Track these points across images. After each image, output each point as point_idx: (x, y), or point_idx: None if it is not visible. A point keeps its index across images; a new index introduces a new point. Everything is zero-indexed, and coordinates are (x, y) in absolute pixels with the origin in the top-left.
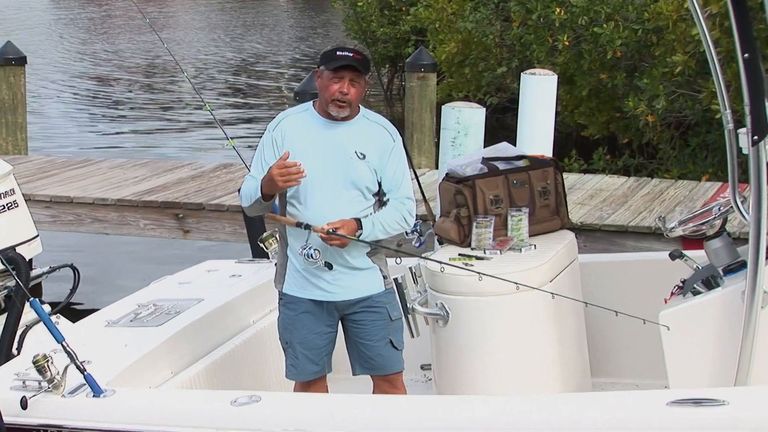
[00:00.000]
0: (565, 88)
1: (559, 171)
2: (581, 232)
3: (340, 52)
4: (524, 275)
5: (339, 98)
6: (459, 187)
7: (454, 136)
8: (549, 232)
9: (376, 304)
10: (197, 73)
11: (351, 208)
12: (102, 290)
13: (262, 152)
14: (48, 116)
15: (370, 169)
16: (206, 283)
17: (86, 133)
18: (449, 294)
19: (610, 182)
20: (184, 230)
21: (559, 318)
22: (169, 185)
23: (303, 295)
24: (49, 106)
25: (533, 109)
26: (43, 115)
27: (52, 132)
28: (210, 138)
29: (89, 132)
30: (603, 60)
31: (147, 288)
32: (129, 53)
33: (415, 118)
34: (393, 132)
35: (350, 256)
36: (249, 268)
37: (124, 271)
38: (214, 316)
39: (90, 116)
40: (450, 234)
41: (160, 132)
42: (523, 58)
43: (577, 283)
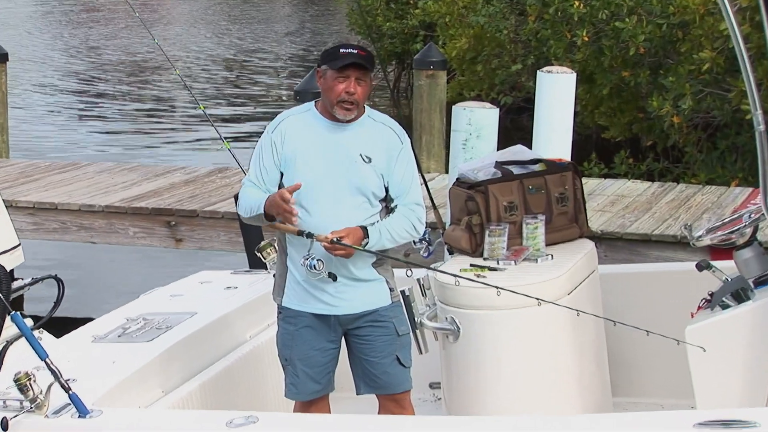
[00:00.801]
0: (585, 87)
1: (577, 176)
2: (601, 241)
3: (343, 50)
4: (540, 287)
5: (346, 99)
6: (470, 193)
7: (465, 138)
8: (567, 241)
9: (383, 318)
10: (190, 70)
11: (356, 216)
12: (88, 303)
13: (260, 156)
14: (31, 117)
15: (376, 174)
16: (200, 295)
17: (72, 135)
18: (460, 307)
19: (632, 188)
20: (176, 239)
21: (579, 333)
22: (160, 191)
23: (304, 308)
24: (32, 106)
25: (550, 110)
26: (26, 116)
27: (36, 134)
28: (204, 140)
29: (75, 134)
30: (625, 57)
31: (136, 301)
32: (118, 49)
33: (423, 119)
34: (401, 133)
35: (355, 267)
36: (245, 279)
37: (112, 282)
38: (208, 331)
39: (76, 117)
40: (461, 243)
41: (150, 134)
42: (539, 54)
43: (597, 296)
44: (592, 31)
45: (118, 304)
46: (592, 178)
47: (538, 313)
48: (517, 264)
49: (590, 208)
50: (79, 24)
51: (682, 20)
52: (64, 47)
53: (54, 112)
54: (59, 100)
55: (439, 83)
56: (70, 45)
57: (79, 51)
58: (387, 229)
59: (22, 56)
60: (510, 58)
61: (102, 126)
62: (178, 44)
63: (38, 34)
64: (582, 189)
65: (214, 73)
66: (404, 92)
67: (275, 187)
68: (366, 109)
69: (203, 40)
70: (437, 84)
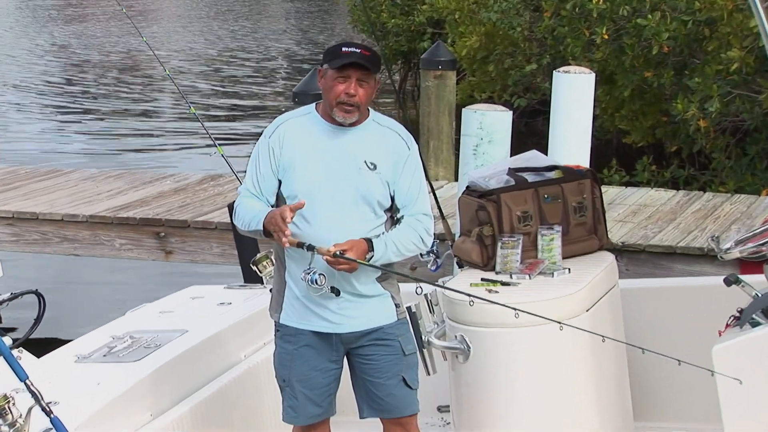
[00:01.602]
0: (604, 89)
1: (596, 183)
2: (623, 254)
3: (345, 48)
4: (557, 304)
5: (345, 101)
6: (482, 202)
7: (476, 144)
8: (585, 253)
9: (388, 336)
10: (180, 69)
11: (360, 227)
12: (71, 320)
13: (256, 162)
14: (9, 120)
15: (381, 182)
16: (191, 312)
17: (53, 139)
18: (471, 325)
19: (655, 196)
20: (165, 251)
21: (598, 352)
22: (148, 199)
23: (303, 326)
24: (10, 109)
25: (567, 112)
26: (3, 119)
27: (14, 138)
28: (195, 145)
29: (56, 138)
30: (648, 56)
31: (123, 318)
32: (103, 47)
33: (431, 122)
34: (408, 139)
35: (359, 281)
36: (240, 294)
37: (97, 298)
38: (199, 351)
39: (58, 120)
40: (471, 256)
41: (138, 138)
42: (555, 53)
43: (618, 313)
44: (613, 28)
45: (103, 321)
46: (613, 187)
47: (555, 332)
48: (531, 278)
49: (610, 218)
50: (60, 20)
51: (709, 17)
52: (44, 44)
53: (33, 115)
54: (38, 102)
55: (448, 84)
56: (51, 42)
57: (61, 48)
58: (393, 241)
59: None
60: (524, 57)
61: (86, 130)
62: (167, 42)
63: (15, 29)
64: (601, 198)
65: (207, 72)
66: (410, 94)
67: (273, 195)
68: (370, 113)
69: (195, 37)
70: (446, 85)
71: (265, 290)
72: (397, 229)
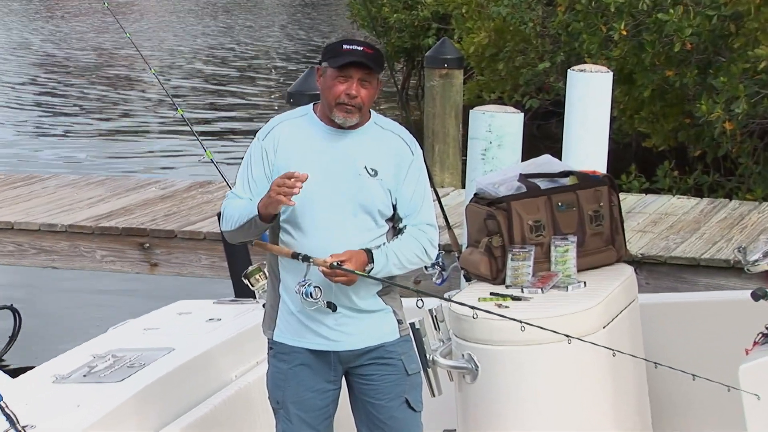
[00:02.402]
0: (623, 88)
1: (614, 190)
2: (642, 266)
3: (346, 46)
4: (572, 320)
5: (346, 102)
6: (491, 210)
7: (485, 148)
8: (602, 265)
9: (389, 354)
10: (167, 68)
11: (360, 237)
12: (49, 337)
13: (248, 166)
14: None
15: (383, 189)
16: (178, 328)
17: (29, 143)
18: (479, 343)
19: (678, 205)
20: (150, 263)
21: (616, 371)
22: (132, 208)
23: (298, 343)
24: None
25: (583, 114)
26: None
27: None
28: (183, 149)
29: (33, 142)
30: (669, 53)
31: (104, 335)
32: (83, 44)
33: (436, 125)
34: (411, 143)
35: (358, 296)
36: (231, 310)
37: (76, 314)
38: (187, 370)
39: (34, 122)
40: (479, 268)
41: (121, 142)
42: (570, 50)
43: (637, 330)
44: (631, 23)
45: (84, 339)
46: (632, 194)
47: (569, 350)
48: (544, 292)
49: (629, 228)
50: (40, 12)
51: (735, 12)
52: (18, 40)
53: (7, 117)
54: (13, 103)
55: (455, 84)
56: (26, 39)
57: (37, 46)
58: (395, 252)
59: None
60: (536, 54)
61: (64, 133)
62: (153, 38)
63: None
64: (619, 206)
65: (195, 71)
66: (414, 94)
67: None
68: (372, 115)
69: (183, 33)
70: (452, 85)
71: (258, 305)
72: (399, 240)
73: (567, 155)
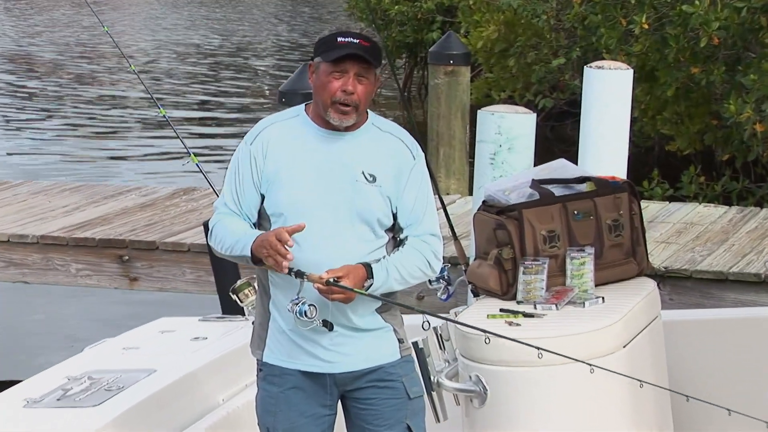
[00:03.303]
0: (644, 87)
1: (635, 198)
2: (666, 281)
3: (341, 38)
4: (589, 339)
5: (342, 100)
6: (500, 219)
7: (494, 151)
8: (622, 279)
9: (390, 377)
10: (148, 64)
11: (357, 249)
12: (19, 357)
13: (235, 173)
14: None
15: (382, 197)
16: (160, 348)
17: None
18: (487, 363)
19: (704, 213)
20: (130, 278)
21: (637, 394)
22: (110, 217)
23: (291, 365)
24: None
25: (601, 115)
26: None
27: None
28: (165, 153)
29: (1, 144)
30: (695, 49)
31: (80, 355)
32: (57, 39)
33: (441, 126)
34: (412, 146)
35: (355, 313)
36: (218, 328)
37: (50, 332)
38: (170, 393)
39: (2, 123)
40: (488, 282)
41: (98, 145)
42: (587, 45)
43: (660, 350)
44: (654, 16)
45: (57, 359)
46: (654, 202)
47: (586, 371)
48: (558, 309)
49: (651, 238)
50: (10, 3)
51: (766, 4)
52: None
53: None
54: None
55: (461, 82)
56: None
57: (12, 38)
58: (395, 266)
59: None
60: (550, 50)
61: (37, 135)
62: (133, 31)
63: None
64: (641, 215)
65: (179, 68)
66: (417, 93)
67: (255, 212)
68: (369, 115)
69: (166, 27)
70: (458, 83)
71: (247, 323)
72: (400, 252)
73: (584, 159)
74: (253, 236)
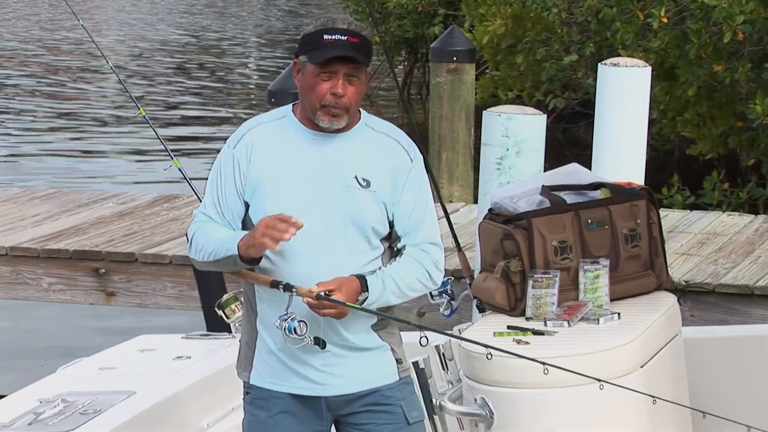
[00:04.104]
0: (663, 86)
1: (653, 206)
2: (687, 295)
3: (328, 36)
4: (604, 358)
5: (332, 103)
6: (508, 229)
7: (500, 156)
8: (640, 294)
9: (387, 400)
10: (127, 60)
11: (350, 261)
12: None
13: (217, 178)
14: None
15: (377, 203)
16: (139, 368)
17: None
18: (494, 385)
19: (728, 223)
20: (106, 292)
21: (655, 418)
22: (84, 227)
23: (280, 387)
24: None
25: (616, 116)
26: None
27: None
28: (145, 156)
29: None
30: (718, 45)
31: (53, 376)
32: (28, 32)
33: (443, 129)
34: (409, 147)
35: (349, 330)
36: (202, 346)
37: (20, 351)
38: (150, 417)
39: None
40: (495, 297)
41: (72, 148)
42: (601, 41)
43: (681, 370)
44: (673, 9)
45: (29, 380)
46: (674, 210)
47: (600, 393)
48: (571, 326)
49: (671, 249)
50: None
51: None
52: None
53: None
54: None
55: (465, 81)
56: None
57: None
58: (392, 278)
59: None
60: (561, 46)
61: (5, 137)
62: (111, 25)
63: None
64: (660, 224)
65: (160, 65)
66: (417, 92)
67: (238, 221)
68: (362, 115)
69: (145, 20)
70: (462, 81)
71: (234, 340)
72: (397, 263)
73: (598, 164)
74: (240, 234)
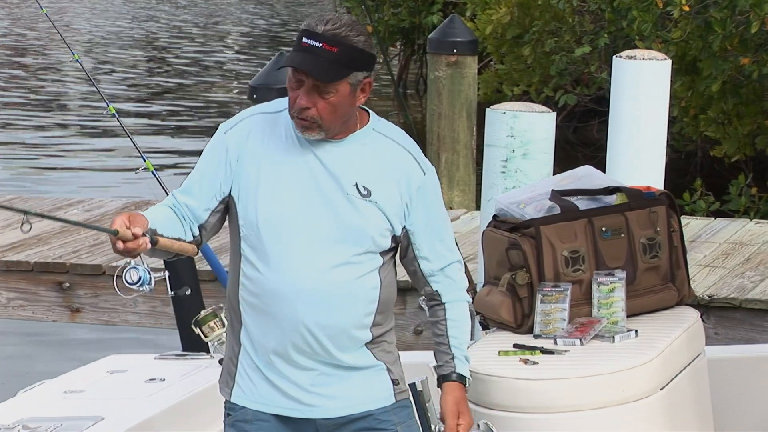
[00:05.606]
0: (684, 81)
1: (674, 212)
2: (710, 311)
3: (306, 39)
4: (619, 379)
5: (299, 115)
6: (514, 237)
7: (505, 157)
8: (659, 309)
9: (382, 425)
10: (96, 55)
11: (342, 274)
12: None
13: (203, 160)
14: None
15: (378, 213)
16: (108, 391)
17: None
18: (498, 409)
19: (756, 231)
20: (71, 309)
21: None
22: (47, 236)
23: (264, 408)
24: None
25: (633, 114)
26: None
27: None
28: (114, 158)
29: None
30: (744, 36)
31: (12, 400)
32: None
33: (442, 127)
34: (421, 159)
35: (338, 347)
36: (177, 367)
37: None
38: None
39: None
40: (500, 313)
41: (34, 150)
42: (616, 31)
43: (705, 392)
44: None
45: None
46: (697, 217)
47: (616, 417)
48: (583, 344)
49: (693, 261)
50: None
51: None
52: None
53: None
54: None
55: (467, 75)
56: None
57: None
58: (462, 350)
59: None
60: (572, 37)
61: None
62: (79, 14)
63: None
64: (681, 233)
65: (132, 58)
66: (414, 87)
67: (211, 203)
68: (371, 118)
69: (118, 10)
70: (463, 76)
71: (213, 361)
72: (454, 328)
73: (613, 166)
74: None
